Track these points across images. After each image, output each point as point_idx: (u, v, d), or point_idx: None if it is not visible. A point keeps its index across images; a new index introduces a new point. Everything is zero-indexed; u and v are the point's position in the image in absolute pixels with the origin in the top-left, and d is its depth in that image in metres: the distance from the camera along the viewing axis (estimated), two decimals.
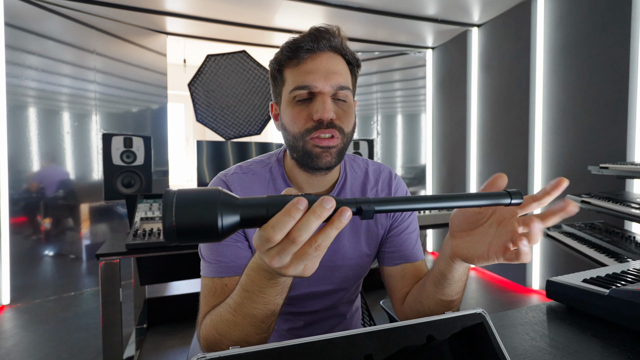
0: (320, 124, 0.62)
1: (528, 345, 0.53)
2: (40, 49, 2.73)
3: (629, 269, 0.74)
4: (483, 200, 0.40)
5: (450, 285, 0.57)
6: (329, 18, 3.18)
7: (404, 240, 0.74)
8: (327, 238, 0.34)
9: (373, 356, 0.38)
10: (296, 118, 0.63)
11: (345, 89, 0.63)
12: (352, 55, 0.67)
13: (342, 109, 0.64)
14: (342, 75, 0.64)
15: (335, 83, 0.62)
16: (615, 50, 2.14)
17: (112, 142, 2.32)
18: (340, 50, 0.65)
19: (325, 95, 0.62)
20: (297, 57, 0.63)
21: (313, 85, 0.61)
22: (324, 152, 0.63)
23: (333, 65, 0.63)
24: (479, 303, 2.60)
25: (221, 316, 0.53)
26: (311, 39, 0.62)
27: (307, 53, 0.62)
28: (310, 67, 0.62)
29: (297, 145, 0.64)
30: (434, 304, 0.60)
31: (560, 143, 2.52)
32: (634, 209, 1.35)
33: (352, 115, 0.66)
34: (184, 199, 0.31)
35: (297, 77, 0.63)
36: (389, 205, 0.36)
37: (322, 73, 0.62)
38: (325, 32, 0.63)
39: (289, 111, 0.64)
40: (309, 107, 0.63)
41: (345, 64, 0.66)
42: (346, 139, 0.65)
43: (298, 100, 0.63)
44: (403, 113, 4.15)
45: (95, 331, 2.13)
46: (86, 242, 3.00)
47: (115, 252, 1.42)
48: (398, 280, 0.72)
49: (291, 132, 0.64)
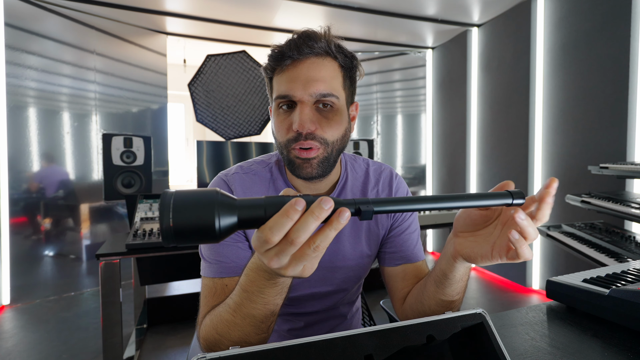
0: (299, 134, 0.61)
1: (528, 345, 0.53)
2: (40, 49, 2.73)
3: (629, 268, 0.74)
4: (484, 200, 0.40)
5: (451, 285, 0.56)
6: (329, 18, 3.17)
7: (405, 240, 0.74)
8: (326, 239, 0.34)
9: (373, 356, 0.38)
10: (279, 127, 0.64)
11: (328, 96, 0.61)
12: (344, 56, 0.65)
13: (325, 117, 0.62)
14: (325, 82, 0.61)
15: (314, 91, 0.60)
16: (615, 50, 2.14)
17: (112, 142, 2.32)
18: (328, 53, 0.63)
19: (304, 104, 0.60)
20: (280, 65, 0.62)
21: (292, 95, 0.61)
22: (305, 163, 0.62)
23: (315, 72, 0.61)
24: (479, 303, 2.60)
25: (221, 316, 0.52)
26: (291, 46, 0.61)
27: (289, 60, 0.61)
28: (291, 75, 0.61)
29: (282, 153, 0.65)
30: (434, 304, 0.59)
31: (560, 143, 2.52)
32: (634, 209, 1.35)
33: (339, 122, 0.64)
34: (182, 200, 0.31)
35: (280, 85, 0.62)
36: (388, 205, 0.36)
37: (301, 81, 0.60)
38: (308, 37, 0.61)
39: (275, 119, 0.65)
40: (290, 116, 0.62)
41: (334, 67, 0.63)
42: (330, 148, 0.63)
43: (282, 108, 0.63)
44: (403, 113, 4.15)
45: (95, 331, 2.13)
46: (86, 242, 3.00)
47: (115, 252, 1.42)
48: (399, 280, 0.72)
49: (277, 140, 0.65)
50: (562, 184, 2.52)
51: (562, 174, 2.51)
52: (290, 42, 0.61)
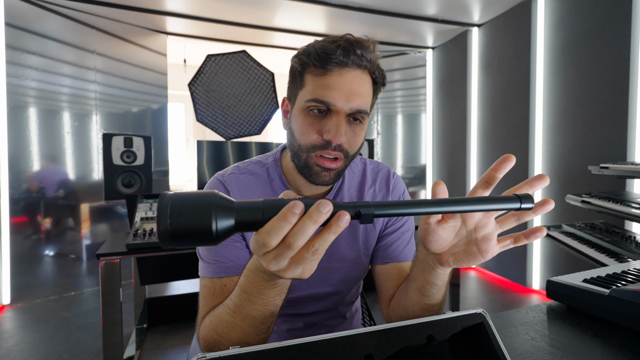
0: (328, 143, 0.60)
1: (528, 345, 0.53)
2: (41, 49, 2.73)
3: (629, 268, 0.74)
4: (490, 205, 0.39)
5: (438, 291, 0.55)
6: (329, 18, 3.18)
7: (396, 239, 0.74)
8: (325, 243, 0.34)
9: (373, 356, 0.38)
10: (307, 130, 0.61)
11: (363, 112, 0.61)
12: (381, 75, 0.64)
13: (354, 131, 0.62)
14: (364, 98, 0.61)
15: (355, 106, 0.59)
16: (615, 50, 2.14)
17: (113, 142, 2.32)
18: (369, 69, 0.62)
19: (340, 115, 0.59)
20: (324, 67, 0.59)
21: (332, 103, 0.59)
22: (324, 172, 0.62)
23: (358, 86, 0.60)
24: (479, 303, 2.60)
25: (220, 317, 0.52)
26: (342, 52, 0.58)
27: (335, 66, 0.58)
28: (335, 82, 0.59)
29: (299, 155, 0.63)
30: (419, 310, 0.58)
31: (560, 143, 2.52)
32: (634, 209, 1.35)
33: (362, 137, 0.64)
34: (179, 202, 0.31)
35: (317, 88, 0.59)
36: (389, 209, 0.35)
37: (345, 92, 0.58)
38: (359, 46, 0.59)
39: (301, 119, 0.62)
40: (322, 122, 0.60)
41: (370, 83, 0.63)
42: (349, 160, 0.64)
43: (312, 111, 0.61)
44: (403, 113, 4.15)
45: (95, 331, 2.13)
46: (86, 242, 3.00)
47: (115, 252, 1.42)
48: (385, 280, 0.71)
49: (298, 141, 0.63)
50: (562, 184, 2.52)
51: (562, 174, 2.51)
52: (342, 47, 0.58)
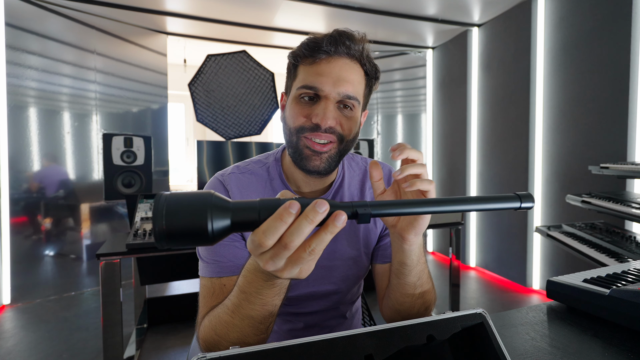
0: (317, 126, 0.62)
1: (528, 345, 0.53)
2: (41, 49, 2.73)
3: (629, 268, 0.74)
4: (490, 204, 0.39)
5: (410, 272, 0.58)
6: (329, 18, 3.18)
7: None
8: (322, 242, 0.34)
9: (373, 356, 0.38)
10: (296, 114, 0.64)
11: (352, 99, 0.63)
12: (372, 66, 0.66)
13: (345, 116, 0.64)
14: (353, 85, 0.63)
15: (343, 91, 0.62)
16: (615, 50, 2.13)
17: (113, 142, 2.32)
18: (359, 59, 0.64)
19: (329, 101, 0.62)
20: (313, 57, 0.62)
21: (320, 88, 0.61)
22: (314, 156, 0.63)
23: (347, 73, 0.62)
24: (479, 303, 2.60)
25: (219, 318, 0.52)
26: (330, 41, 0.61)
27: (323, 54, 0.62)
28: (323, 69, 0.62)
29: (291, 140, 0.65)
30: (400, 296, 0.61)
31: (560, 143, 2.52)
32: (635, 209, 1.35)
33: (355, 124, 0.66)
34: (175, 202, 0.31)
35: (307, 76, 0.63)
36: (387, 209, 0.35)
37: (332, 78, 0.61)
38: (347, 37, 0.62)
39: (292, 106, 0.65)
40: (311, 107, 0.63)
41: (361, 74, 0.65)
42: (343, 146, 0.65)
43: (303, 98, 0.63)
44: (403, 113, 4.15)
45: (95, 331, 2.13)
46: (86, 242, 3.00)
47: (115, 252, 1.42)
48: (384, 279, 0.72)
49: (289, 126, 0.65)
50: (562, 184, 2.52)
51: (562, 173, 2.51)
52: (330, 37, 0.62)
